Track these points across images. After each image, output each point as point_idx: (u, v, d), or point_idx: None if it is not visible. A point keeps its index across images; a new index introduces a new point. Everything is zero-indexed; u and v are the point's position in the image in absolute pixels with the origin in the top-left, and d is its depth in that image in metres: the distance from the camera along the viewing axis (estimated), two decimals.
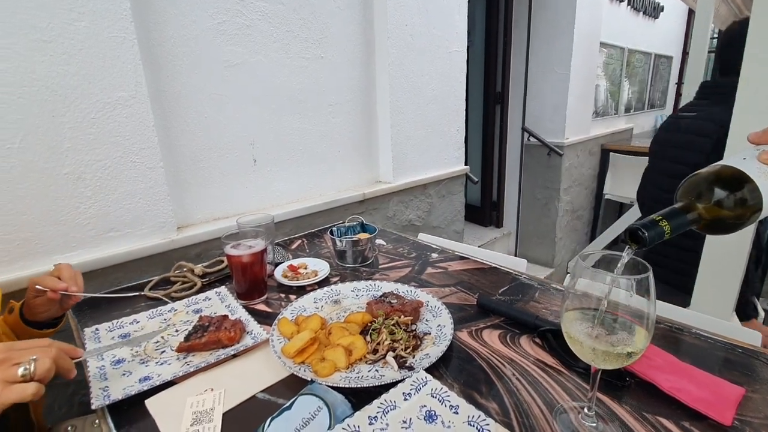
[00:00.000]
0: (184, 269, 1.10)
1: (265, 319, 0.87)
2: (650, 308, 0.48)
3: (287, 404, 0.58)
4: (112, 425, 0.60)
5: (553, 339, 0.72)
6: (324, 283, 1.03)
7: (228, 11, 1.31)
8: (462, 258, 1.17)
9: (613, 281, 0.47)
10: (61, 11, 0.97)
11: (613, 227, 3.35)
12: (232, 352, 0.74)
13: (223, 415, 0.61)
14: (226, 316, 0.81)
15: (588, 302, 0.49)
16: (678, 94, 5.41)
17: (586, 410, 0.58)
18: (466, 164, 2.33)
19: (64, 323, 0.86)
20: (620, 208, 4.08)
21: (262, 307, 0.94)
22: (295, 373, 0.66)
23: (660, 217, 0.50)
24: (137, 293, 0.99)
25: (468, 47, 2.18)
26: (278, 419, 0.56)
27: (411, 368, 0.67)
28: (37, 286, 0.76)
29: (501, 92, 3.26)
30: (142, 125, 1.13)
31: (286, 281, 1.02)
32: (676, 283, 1.34)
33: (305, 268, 1.09)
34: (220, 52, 1.32)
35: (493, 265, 1.11)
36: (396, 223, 1.98)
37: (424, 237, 1.43)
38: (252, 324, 0.82)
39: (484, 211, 3.56)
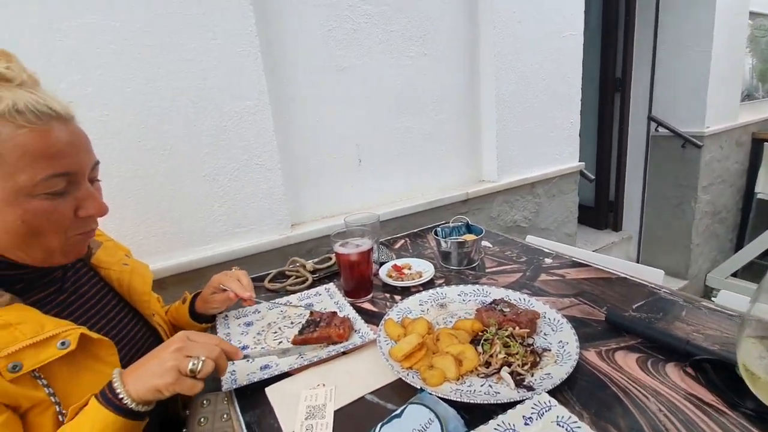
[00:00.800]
0: (297, 264, 1.17)
1: (371, 318, 0.87)
2: None
3: (397, 411, 0.56)
4: (238, 408, 0.66)
5: (712, 371, 0.59)
6: (428, 285, 1.01)
7: (337, 17, 1.36)
8: (581, 265, 1.05)
9: None
10: (201, 32, 1.10)
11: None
12: (342, 350, 0.76)
13: (334, 413, 0.62)
14: (335, 313, 0.84)
15: None
16: None
17: None
18: (580, 160, 2.11)
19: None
20: None
21: (367, 306, 0.95)
22: (403, 378, 0.65)
23: None
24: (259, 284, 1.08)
25: (583, 29, 1.96)
26: (388, 426, 0.54)
27: (530, 388, 0.60)
28: (222, 286, 0.84)
29: (621, 78, 2.89)
30: (264, 130, 1.23)
31: (390, 281, 1.02)
32: None
33: (409, 269, 1.08)
34: (330, 57, 1.38)
35: (622, 275, 0.97)
36: (500, 224, 1.87)
37: (532, 240, 1.32)
38: (359, 323, 0.83)
39: (598, 212, 3.20)
